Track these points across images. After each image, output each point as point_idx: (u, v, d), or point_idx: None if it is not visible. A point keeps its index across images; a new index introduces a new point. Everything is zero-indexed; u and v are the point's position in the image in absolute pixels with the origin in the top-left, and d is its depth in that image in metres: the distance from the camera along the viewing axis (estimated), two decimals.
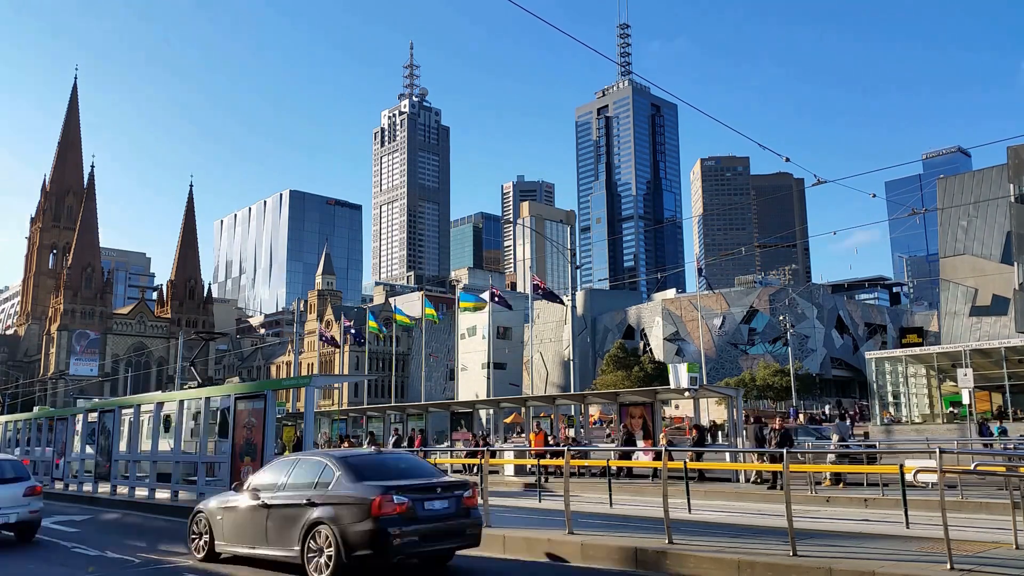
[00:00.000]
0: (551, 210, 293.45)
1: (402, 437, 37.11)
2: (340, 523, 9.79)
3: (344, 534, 9.71)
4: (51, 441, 30.92)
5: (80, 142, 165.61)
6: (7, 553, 14.23)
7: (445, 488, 10.65)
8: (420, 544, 10.04)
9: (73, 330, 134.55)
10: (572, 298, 47.92)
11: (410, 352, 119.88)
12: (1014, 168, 58.30)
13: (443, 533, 10.41)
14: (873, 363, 50.48)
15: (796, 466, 17.03)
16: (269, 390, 19.16)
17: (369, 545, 9.62)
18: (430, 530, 10.13)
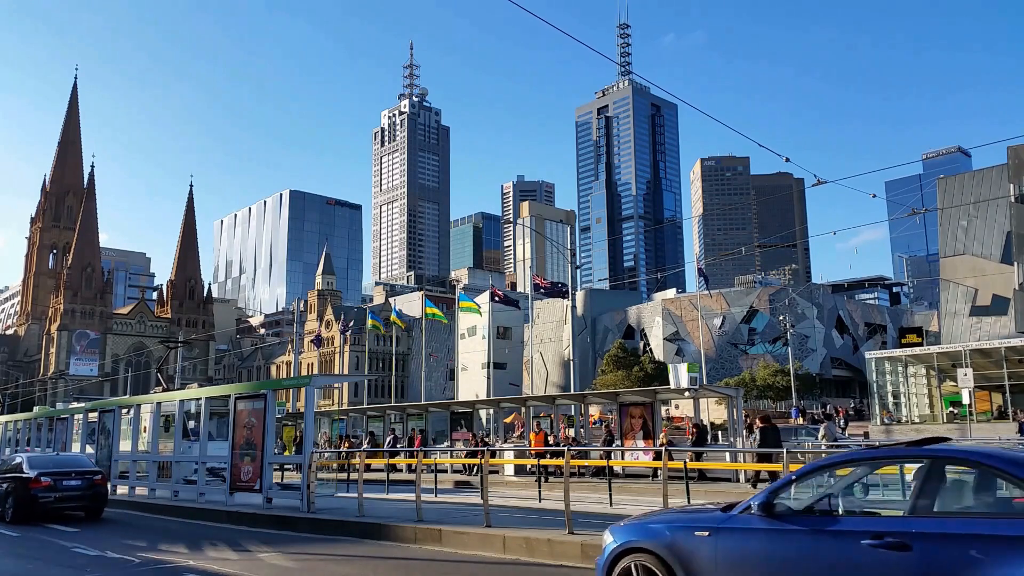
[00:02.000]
0: (551, 210, 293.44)
1: (399, 438, 37.13)
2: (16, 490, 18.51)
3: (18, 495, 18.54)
4: (51, 441, 30.94)
5: (80, 142, 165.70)
6: (7, 552, 14.25)
7: (79, 474, 18.99)
8: (57, 503, 18.42)
9: (73, 330, 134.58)
10: (572, 298, 47.95)
11: (410, 352, 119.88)
12: (1014, 168, 58.32)
13: (76, 499, 18.81)
14: (873, 363, 50.50)
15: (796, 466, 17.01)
16: (269, 390, 19.17)
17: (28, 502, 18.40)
18: (66, 496, 18.59)
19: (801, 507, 6.23)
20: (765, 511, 6.29)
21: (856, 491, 6.71)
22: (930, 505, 5.68)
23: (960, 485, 5.90)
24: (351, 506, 16.86)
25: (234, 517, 17.66)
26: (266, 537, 15.05)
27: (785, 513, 6.22)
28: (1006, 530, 5.17)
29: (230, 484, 19.15)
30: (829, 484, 6.45)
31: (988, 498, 5.68)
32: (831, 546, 5.86)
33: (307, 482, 17.20)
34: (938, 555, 5.31)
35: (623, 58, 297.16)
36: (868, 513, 6.26)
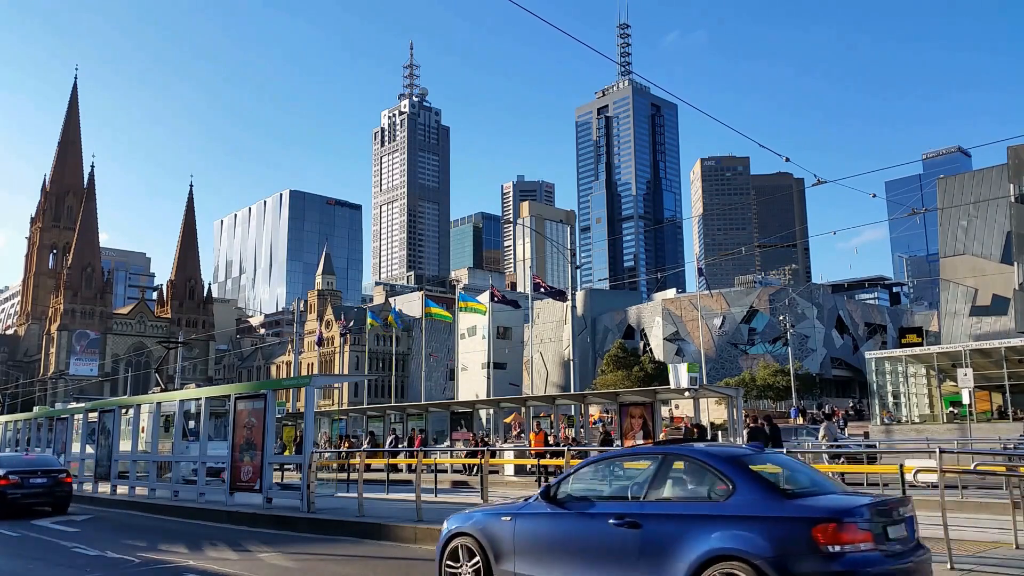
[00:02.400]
0: (551, 210, 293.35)
1: (400, 438, 37.12)
2: None
3: None
4: (51, 441, 30.94)
5: (80, 142, 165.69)
6: (7, 552, 14.25)
7: (45, 473, 20.72)
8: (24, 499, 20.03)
9: (73, 330, 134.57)
10: (572, 298, 47.92)
11: (410, 352, 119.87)
12: (1014, 168, 58.30)
13: (41, 495, 20.49)
14: (873, 363, 50.45)
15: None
16: (269, 390, 19.16)
17: None
18: (32, 493, 20.25)
19: (571, 495, 7.88)
20: (547, 499, 8.00)
21: (609, 482, 8.18)
22: (658, 492, 7.33)
23: (680, 476, 7.45)
24: (351, 506, 16.86)
25: (234, 517, 17.66)
26: (266, 537, 15.04)
27: (561, 500, 7.89)
28: (701, 510, 6.93)
29: (230, 484, 19.15)
30: (591, 477, 8.21)
31: (694, 485, 7.29)
32: (588, 525, 7.50)
33: (307, 482, 17.19)
34: (658, 530, 6.98)
35: (623, 58, 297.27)
36: (615, 499, 7.68)
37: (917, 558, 6.84)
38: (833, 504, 6.74)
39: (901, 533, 6.81)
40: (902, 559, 6.64)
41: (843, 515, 6.47)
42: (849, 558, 6.26)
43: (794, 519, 6.52)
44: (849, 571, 6.26)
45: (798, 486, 7.23)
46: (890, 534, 6.67)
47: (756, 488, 6.84)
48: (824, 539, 6.26)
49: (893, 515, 6.83)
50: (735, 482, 6.88)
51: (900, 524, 6.87)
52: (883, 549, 6.52)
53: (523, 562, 7.91)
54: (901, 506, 7.06)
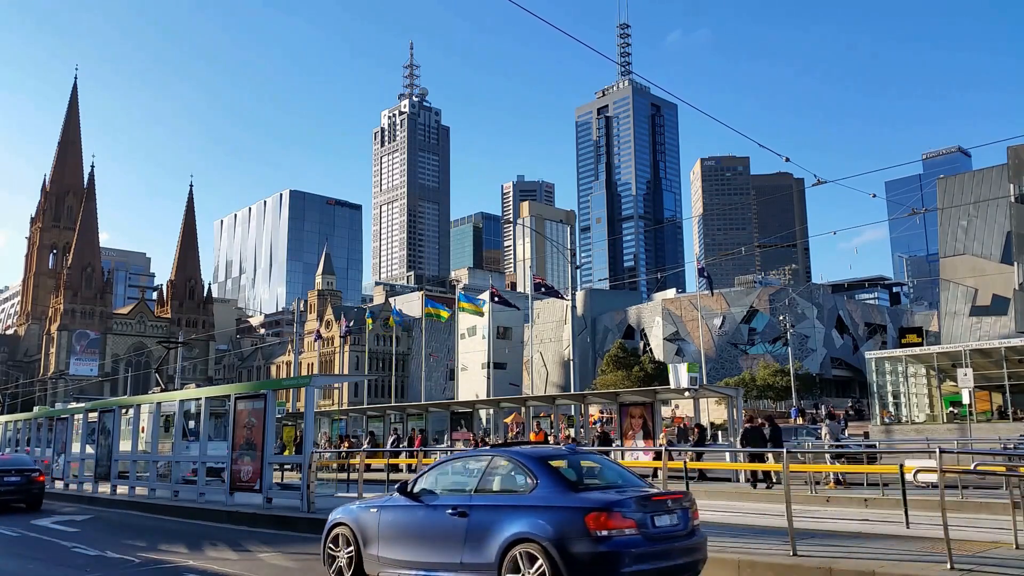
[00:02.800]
0: (551, 210, 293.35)
1: (400, 438, 37.13)
2: None
3: None
4: (51, 441, 30.94)
5: (80, 142, 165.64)
6: (7, 552, 14.24)
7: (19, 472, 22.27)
8: None
9: (73, 330, 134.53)
10: (572, 298, 47.92)
11: (410, 352, 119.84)
12: (1014, 168, 58.28)
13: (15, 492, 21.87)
14: (873, 363, 50.41)
15: (796, 466, 17.03)
16: (269, 390, 19.16)
17: None
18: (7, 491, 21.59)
19: (423, 490, 9.32)
20: (404, 493, 9.47)
21: (452, 479, 9.46)
22: (484, 486, 8.83)
23: (501, 473, 8.90)
24: None
25: (234, 517, 17.66)
26: (266, 537, 15.05)
27: (415, 494, 9.33)
28: (512, 501, 8.42)
29: (230, 484, 19.15)
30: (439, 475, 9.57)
31: (510, 481, 8.72)
32: (432, 514, 8.96)
33: (307, 482, 17.19)
34: (480, 518, 8.40)
35: (623, 58, 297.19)
36: (453, 492, 9.06)
37: (683, 542, 8.17)
38: (607, 497, 8.07)
39: (670, 522, 8.18)
40: (665, 543, 7.98)
41: (611, 506, 7.82)
42: (614, 541, 7.62)
43: (573, 508, 7.89)
44: (612, 551, 7.58)
45: (598, 480, 8.87)
46: (656, 523, 8.02)
47: (553, 483, 8.30)
48: (594, 525, 7.63)
49: (662, 507, 8.21)
50: (538, 478, 8.36)
51: (670, 515, 8.23)
52: (647, 534, 7.82)
53: (384, 546, 9.39)
54: (673, 500, 8.43)
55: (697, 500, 9.18)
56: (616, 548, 7.58)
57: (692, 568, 8.32)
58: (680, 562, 8.11)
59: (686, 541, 8.22)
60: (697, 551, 8.35)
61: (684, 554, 8.13)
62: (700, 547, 8.43)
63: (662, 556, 7.89)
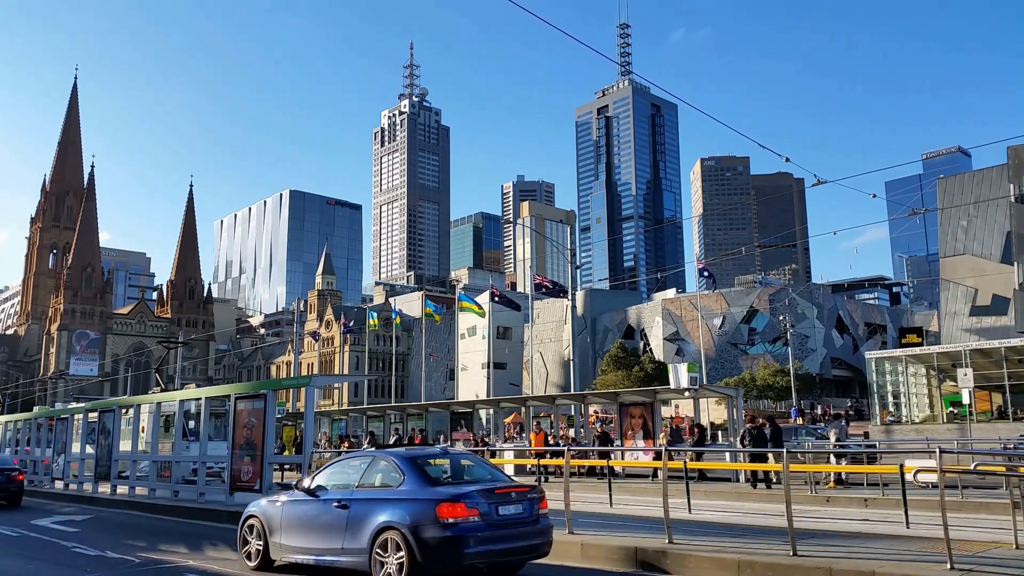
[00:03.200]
0: (551, 210, 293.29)
1: (401, 437, 37.16)
2: None
3: None
4: (51, 441, 30.93)
5: (80, 142, 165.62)
6: (7, 552, 14.24)
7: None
8: None
9: (73, 330, 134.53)
10: (572, 298, 47.91)
11: (410, 352, 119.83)
12: (1014, 168, 58.25)
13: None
14: (873, 363, 50.42)
15: (796, 466, 17.03)
16: (269, 390, 19.15)
17: None
18: None
19: (318, 486, 10.72)
20: (302, 489, 10.95)
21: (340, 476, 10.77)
22: (364, 482, 10.28)
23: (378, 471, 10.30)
24: None
25: (234, 517, 17.57)
26: None
27: (311, 489, 10.71)
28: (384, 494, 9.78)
29: (230, 484, 19.14)
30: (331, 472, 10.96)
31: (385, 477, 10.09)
32: (322, 507, 10.35)
33: None
34: (358, 509, 9.81)
35: (623, 58, 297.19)
36: (340, 487, 10.45)
37: (526, 528, 9.58)
38: (456, 491, 9.35)
39: (515, 511, 9.56)
40: (508, 528, 9.37)
41: (458, 497, 9.14)
42: (460, 527, 8.92)
43: (428, 500, 9.19)
44: (457, 535, 8.89)
45: (465, 476, 10.25)
46: (501, 512, 9.35)
47: (416, 479, 9.63)
48: (443, 514, 8.95)
49: (507, 499, 9.54)
50: (405, 474, 9.75)
51: (515, 505, 9.60)
52: (490, 521, 9.14)
53: (285, 535, 10.82)
54: (518, 492, 9.79)
55: (696, 500, 9.25)
56: (461, 533, 8.91)
57: (533, 550, 9.78)
58: (521, 544, 9.56)
59: (530, 527, 9.61)
60: (540, 535, 9.72)
61: (526, 538, 9.55)
62: (543, 532, 9.80)
63: (504, 539, 9.27)
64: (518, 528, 9.47)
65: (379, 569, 9.25)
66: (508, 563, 9.76)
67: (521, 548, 9.60)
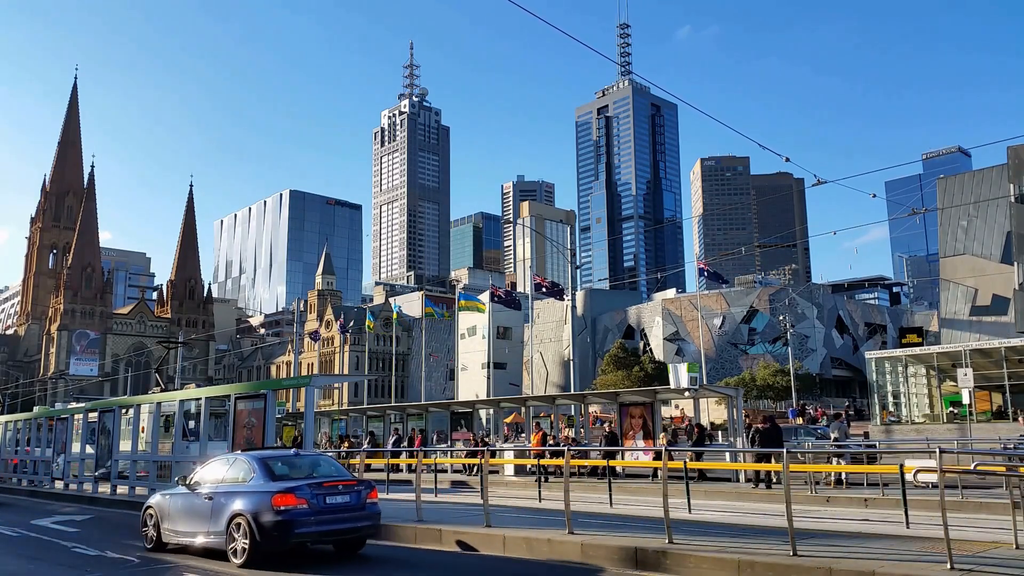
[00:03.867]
0: (551, 210, 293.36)
1: (401, 437, 37.14)
2: None
3: None
4: (51, 441, 30.91)
5: (80, 141, 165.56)
6: (7, 553, 14.24)
7: None
8: None
9: (73, 330, 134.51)
10: (572, 298, 47.89)
11: (410, 352, 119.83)
12: (1014, 168, 58.25)
13: None
14: (873, 363, 50.41)
15: (796, 466, 17.03)
16: (269, 390, 19.17)
17: None
18: None
19: (196, 481, 13.09)
20: (184, 484, 13.35)
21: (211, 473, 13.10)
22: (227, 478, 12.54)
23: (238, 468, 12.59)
24: None
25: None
26: None
27: (191, 485, 13.10)
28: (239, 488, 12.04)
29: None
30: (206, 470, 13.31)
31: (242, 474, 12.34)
32: (196, 498, 12.75)
33: None
34: (220, 500, 12.15)
35: (623, 58, 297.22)
36: (209, 482, 12.81)
37: (352, 514, 11.83)
38: (290, 484, 11.61)
39: (342, 500, 11.81)
40: (334, 514, 11.61)
41: (289, 490, 11.43)
42: (290, 513, 11.24)
43: (266, 492, 11.48)
44: (286, 520, 11.21)
45: (304, 473, 12.29)
46: (328, 501, 11.63)
47: (263, 475, 11.94)
48: (276, 503, 11.27)
49: (334, 491, 11.77)
50: (256, 471, 12.08)
51: (342, 495, 11.84)
52: (316, 508, 11.40)
53: (172, 522, 13.18)
54: (344, 485, 12.05)
55: (696, 500, 9.27)
56: (290, 517, 11.25)
57: (357, 531, 12.12)
58: (345, 527, 11.88)
59: (355, 513, 11.89)
60: (366, 520, 12.04)
61: (351, 521, 11.87)
62: (369, 517, 12.10)
63: (328, 523, 11.56)
64: (343, 514, 11.72)
65: (230, 547, 11.61)
66: (335, 541, 12.20)
67: (344, 530, 11.88)
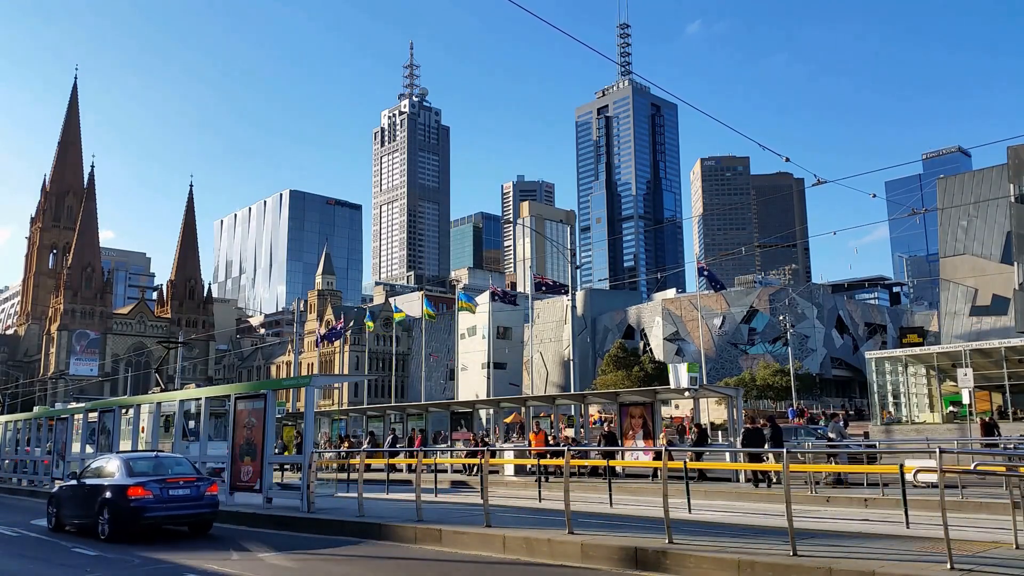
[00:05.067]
0: (551, 210, 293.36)
1: (399, 437, 37.15)
2: None
3: None
4: (51, 441, 30.90)
5: (80, 141, 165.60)
6: (7, 553, 14.24)
7: None
8: None
9: (73, 330, 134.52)
10: (572, 298, 47.87)
11: (410, 352, 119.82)
12: (1014, 168, 58.27)
13: None
14: (873, 363, 50.48)
15: (795, 466, 17.02)
16: (269, 390, 19.15)
17: None
18: None
19: (83, 474, 16.80)
20: (74, 477, 17.21)
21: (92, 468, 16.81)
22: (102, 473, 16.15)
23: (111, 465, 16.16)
24: (351, 506, 16.86)
25: (234, 517, 17.65)
26: (266, 537, 15.06)
27: (79, 476, 16.88)
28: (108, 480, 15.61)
29: (230, 484, 19.14)
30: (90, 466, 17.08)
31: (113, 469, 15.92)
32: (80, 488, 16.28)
33: (307, 482, 17.20)
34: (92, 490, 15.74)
35: (623, 58, 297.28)
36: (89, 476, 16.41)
37: (192, 503, 15.14)
38: (140, 480, 14.94)
39: (183, 492, 15.07)
40: (176, 503, 14.95)
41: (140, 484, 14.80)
42: (140, 501, 14.65)
43: (124, 485, 14.93)
44: (136, 507, 14.62)
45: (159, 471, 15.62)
46: (171, 492, 14.92)
47: (125, 472, 15.48)
48: (130, 493, 14.70)
49: (176, 485, 15.06)
50: (121, 468, 15.67)
51: (183, 488, 15.10)
52: (160, 498, 14.75)
53: (63, 509, 16.90)
54: (185, 481, 15.25)
55: (696, 500, 9.23)
56: (140, 504, 14.72)
57: (196, 516, 15.42)
58: (185, 512, 15.24)
59: (195, 502, 15.20)
60: (204, 507, 15.35)
61: (191, 508, 15.21)
62: (207, 506, 15.40)
63: (171, 509, 14.98)
64: (184, 503, 15.05)
65: (99, 527, 15.04)
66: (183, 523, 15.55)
67: (185, 515, 15.28)
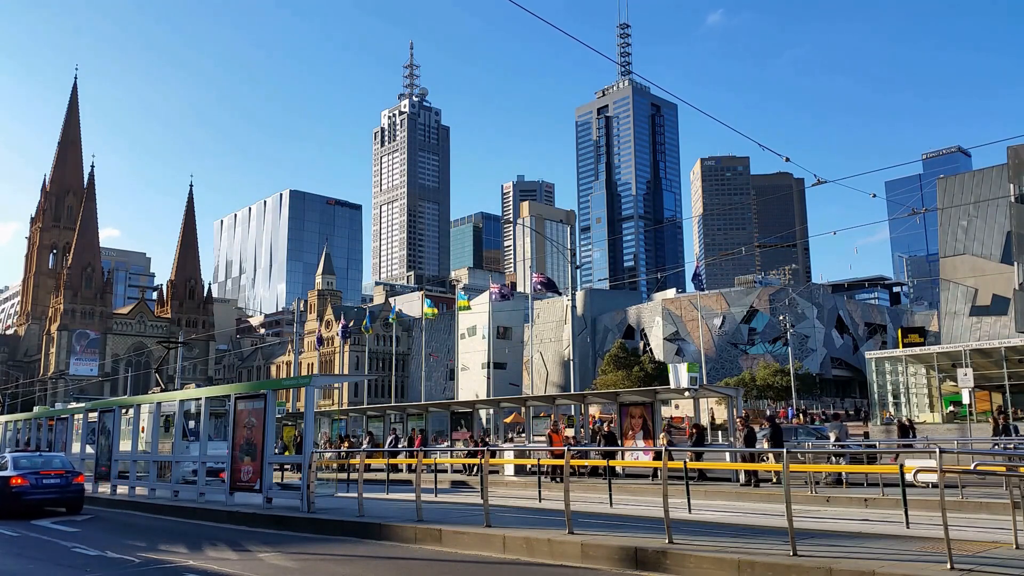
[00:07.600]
0: (551, 210, 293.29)
1: (399, 437, 37.15)
2: None
3: None
4: (51, 441, 30.92)
5: (80, 141, 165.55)
6: (7, 553, 14.24)
7: None
8: None
9: (73, 330, 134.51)
10: (572, 298, 47.87)
11: (410, 352, 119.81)
12: (1014, 168, 58.29)
13: None
14: (873, 363, 50.52)
15: (796, 466, 17.03)
16: (269, 390, 19.15)
17: None
18: None
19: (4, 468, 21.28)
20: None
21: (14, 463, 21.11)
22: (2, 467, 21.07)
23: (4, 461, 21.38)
24: (351, 506, 16.85)
25: (234, 517, 17.66)
26: (266, 537, 15.05)
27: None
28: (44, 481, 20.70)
29: (230, 484, 19.14)
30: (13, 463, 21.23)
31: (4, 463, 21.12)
32: None
33: (307, 482, 17.18)
34: None
35: (623, 58, 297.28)
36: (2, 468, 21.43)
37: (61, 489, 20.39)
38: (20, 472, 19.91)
39: (54, 482, 20.28)
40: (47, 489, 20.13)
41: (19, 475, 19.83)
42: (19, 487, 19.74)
43: (8, 476, 19.89)
44: (17, 492, 19.72)
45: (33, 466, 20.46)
46: (44, 482, 20.10)
47: (13, 466, 20.32)
48: (11, 482, 19.82)
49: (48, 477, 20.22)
50: (9, 463, 20.46)
51: (54, 479, 20.30)
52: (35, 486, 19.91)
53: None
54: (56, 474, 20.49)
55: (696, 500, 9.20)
56: (20, 490, 19.53)
57: (65, 501, 20.32)
58: (54, 496, 20.15)
59: (63, 489, 20.34)
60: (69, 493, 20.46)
61: (60, 494, 20.26)
62: (74, 492, 20.54)
63: (44, 493, 19.92)
64: (55, 489, 20.16)
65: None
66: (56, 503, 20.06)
67: (54, 498, 20.14)
